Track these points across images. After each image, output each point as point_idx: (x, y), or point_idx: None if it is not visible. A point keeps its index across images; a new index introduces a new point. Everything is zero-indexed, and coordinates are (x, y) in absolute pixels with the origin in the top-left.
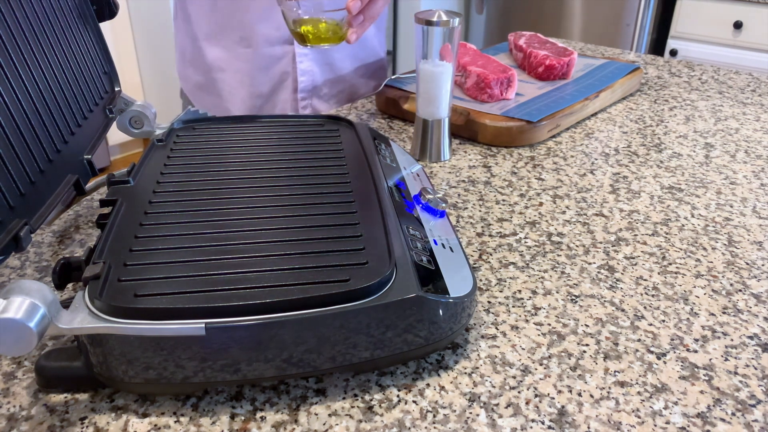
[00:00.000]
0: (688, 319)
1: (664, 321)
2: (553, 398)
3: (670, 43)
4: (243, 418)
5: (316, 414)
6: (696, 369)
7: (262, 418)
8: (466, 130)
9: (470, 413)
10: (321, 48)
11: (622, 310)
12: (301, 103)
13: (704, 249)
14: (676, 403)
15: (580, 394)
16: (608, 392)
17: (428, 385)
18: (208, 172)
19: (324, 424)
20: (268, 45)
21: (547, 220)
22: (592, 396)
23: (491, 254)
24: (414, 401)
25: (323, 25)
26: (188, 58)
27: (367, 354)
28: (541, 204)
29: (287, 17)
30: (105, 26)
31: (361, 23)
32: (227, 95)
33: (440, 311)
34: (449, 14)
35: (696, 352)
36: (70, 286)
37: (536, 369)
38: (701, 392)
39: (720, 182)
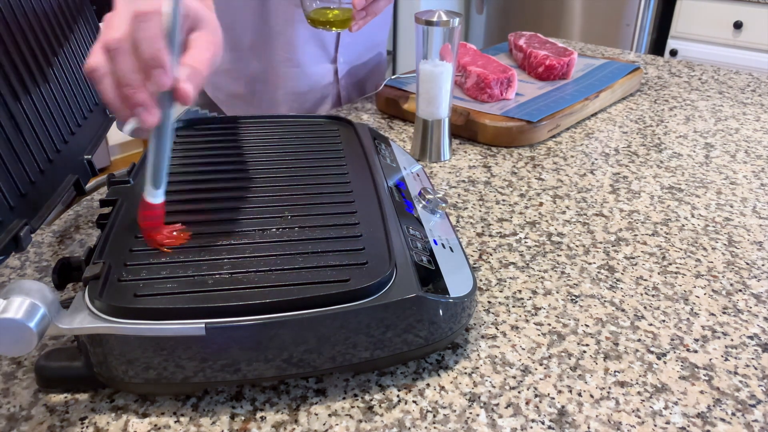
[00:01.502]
0: (688, 319)
1: (664, 321)
2: (553, 398)
3: (670, 43)
4: (243, 418)
5: (316, 414)
6: (696, 369)
7: (262, 418)
8: (466, 130)
9: (470, 413)
10: (328, 31)
11: (622, 310)
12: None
13: (704, 249)
14: (676, 403)
15: (580, 394)
16: (608, 392)
17: (428, 385)
18: (209, 172)
19: (324, 424)
20: (313, 64)
21: (547, 220)
22: (592, 396)
23: (491, 254)
24: (414, 401)
25: (334, 12)
26: (224, 67)
27: (367, 354)
28: (541, 204)
29: (304, 4)
30: None
31: (364, 17)
32: (268, 107)
33: (440, 311)
34: (449, 14)
35: (696, 352)
36: (70, 286)
37: (536, 369)
38: (701, 392)
39: (720, 182)
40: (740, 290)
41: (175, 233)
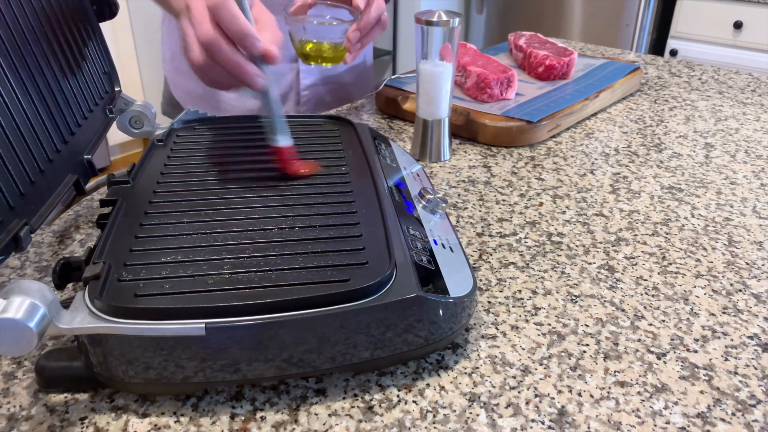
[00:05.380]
0: (688, 319)
1: (664, 321)
2: (553, 398)
3: (670, 43)
4: (243, 418)
5: (316, 414)
6: (696, 369)
7: (262, 418)
8: (466, 130)
9: (470, 413)
10: (321, 67)
11: (622, 310)
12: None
13: (704, 249)
14: (676, 403)
15: (580, 394)
16: (608, 392)
17: (428, 385)
18: (208, 172)
19: (324, 424)
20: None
21: (547, 220)
22: (592, 396)
23: (491, 254)
24: (414, 401)
25: (325, 47)
26: (184, 68)
27: (367, 354)
28: (541, 204)
29: (294, 38)
30: (105, 26)
31: (358, 49)
32: (225, 106)
33: (440, 311)
34: (449, 14)
35: (696, 352)
36: (70, 286)
37: (536, 369)
38: (701, 392)
39: (720, 182)
40: (740, 290)
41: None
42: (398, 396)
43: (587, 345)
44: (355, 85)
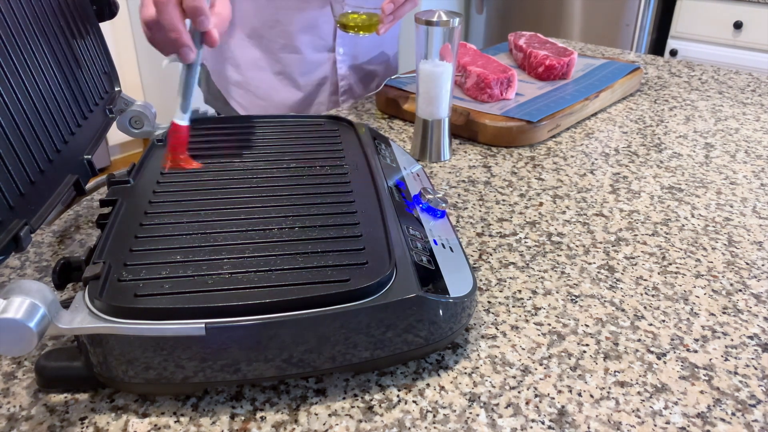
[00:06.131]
0: (688, 319)
1: (664, 321)
2: (553, 398)
3: (670, 43)
4: (243, 418)
5: (316, 414)
6: (696, 369)
7: (262, 418)
8: (466, 130)
9: (470, 413)
10: (357, 35)
11: (622, 310)
12: (343, 105)
13: (704, 249)
14: (676, 403)
15: (580, 394)
16: (608, 392)
17: (428, 385)
18: (208, 172)
19: (324, 424)
20: (312, 52)
21: (547, 220)
22: (592, 396)
23: (491, 254)
24: (414, 401)
25: (362, 18)
26: (227, 56)
27: (367, 354)
28: (541, 204)
29: (334, 9)
30: (105, 26)
31: (390, 21)
32: (264, 94)
33: (440, 311)
34: (449, 14)
35: (696, 352)
36: (70, 286)
37: (536, 369)
38: (701, 392)
39: (720, 182)
40: (740, 290)
41: (190, 160)
42: (398, 396)
43: (587, 345)
44: (381, 75)
